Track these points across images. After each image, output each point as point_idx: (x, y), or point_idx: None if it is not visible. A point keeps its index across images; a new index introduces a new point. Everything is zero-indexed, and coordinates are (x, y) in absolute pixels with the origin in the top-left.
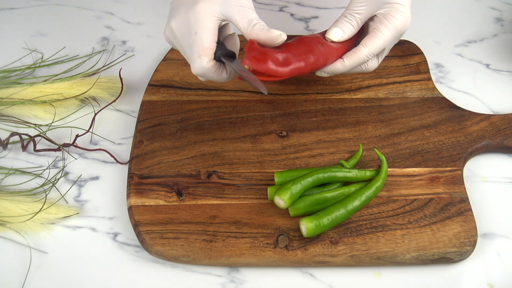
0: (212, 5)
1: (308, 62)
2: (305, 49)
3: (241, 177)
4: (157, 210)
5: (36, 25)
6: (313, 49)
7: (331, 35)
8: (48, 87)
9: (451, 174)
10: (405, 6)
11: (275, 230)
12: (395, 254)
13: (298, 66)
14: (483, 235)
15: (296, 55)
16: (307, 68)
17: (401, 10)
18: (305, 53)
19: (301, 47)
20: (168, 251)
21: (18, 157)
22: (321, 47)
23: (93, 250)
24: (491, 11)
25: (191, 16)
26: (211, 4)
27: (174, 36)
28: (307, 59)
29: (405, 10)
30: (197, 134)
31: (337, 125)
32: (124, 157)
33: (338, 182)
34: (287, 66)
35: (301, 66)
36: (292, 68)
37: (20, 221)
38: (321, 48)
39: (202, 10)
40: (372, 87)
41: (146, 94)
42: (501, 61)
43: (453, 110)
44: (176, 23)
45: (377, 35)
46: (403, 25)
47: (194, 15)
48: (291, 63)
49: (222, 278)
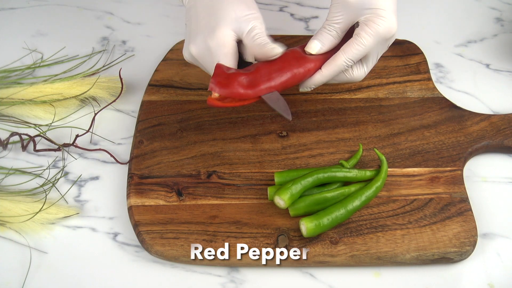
0: (228, 29)
1: (280, 81)
2: (276, 68)
3: (241, 177)
4: (157, 210)
5: (36, 25)
6: (285, 67)
7: (310, 48)
8: (48, 87)
9: (451, 174)
10: (386, 10)
11: (275, 230)
12: (395, 254)
13: (267, 86)
14: (483, 235)
15: (265, 75)
16: (279, 87)
17: (382, 15)
18: (276, 72)
19: (272, 66)
20: (168, 251)
21: (18, 157)
22: (297, 62)
23: (93, 250)
24: (491, 11)
25: (211, 43)
26: (227, 28)
27: (195, 59)
28: (278, 78)
29: (387, 14)
30: (197, 134)
31: (337, 125)
32: (124, 157)
33: (338, 182)
34: (254, 88)
35: (271, 86)
36: (260, 89)
37: (20, 221)
38: (297, 63)
39: (221, 37)
40: (372, 87)
41: (146, 94)
42: (501, 61)
43: (453, 110)
44: (196, 48)
45: (356, 40)
46: (386, 30)
47: (214, 42)
48: (259, 85)
49: (222, 278)
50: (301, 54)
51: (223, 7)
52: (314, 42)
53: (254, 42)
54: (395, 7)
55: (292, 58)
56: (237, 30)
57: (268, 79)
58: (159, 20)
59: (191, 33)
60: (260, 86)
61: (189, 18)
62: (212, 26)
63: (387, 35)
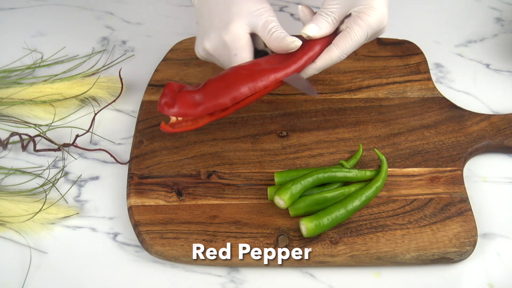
0: (242, 22)
1: (229, 97)
2: (224, 84)
3: (241, 177)
4: (157, 210)
5: (36, 25)
6: (234, 82)
7: (307, 30)
8: (48, 87)
9: (451, 174)
10: (379, 2)
11: (275, 230)
12: (395, 254)
13: (216, 103)
14: (483, 235)
15: (212, 92)
16: (229, 102)
17: (375, 7)
18: (225, 88)
19: (220, 82)
20: (168, 251)
21: (18, 157)
22: (248, 76)
23: (93, 250)
24: (491, 11)
25: (226, 37)
26: (241, 22)
27: (210, 55)
28: (227, 94)
29: (379, 6)
30: (197, 134)
31: (337, 125)
32: (124, 157)
33: (338, 182)
34: (202, 105)
35: (219, 103)
36: (206, 108)
37: (20, 221)
38: (247, 77)
39: (236, 31)
40: (372, 87)
41: (146, 94)
42: (501, 61)
43: (453, 110)
44: (210, 44)
45: (350, 34)
46: (378, 22)
47: (229, 36)
48: (207, 102)
49: (222, 278)
50: (251, 68)
51: (235, 3)
52: (312, 25)
53: (271, 36)
54: (387, 0)
55: (241, 71)
56: (251, 24)
57: (215, 96)
58: (159, 20)
59: (204, 30)
60: (208, 103)
61: (201, 15)
62: (225, 21)
63: (379, 27)
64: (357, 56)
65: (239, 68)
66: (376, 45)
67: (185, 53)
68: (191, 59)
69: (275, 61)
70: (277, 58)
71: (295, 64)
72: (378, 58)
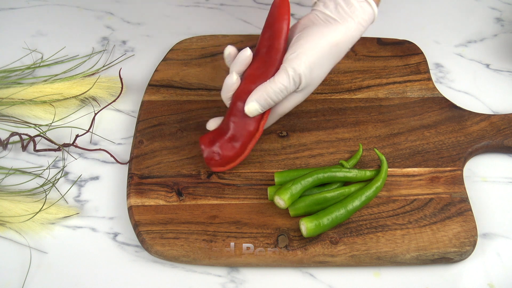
0: None
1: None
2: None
3: (241, 177)
4: (157, 210)
5: (36, 25)
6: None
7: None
8: (48, 87)
9: (451, 174)
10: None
11: (275, 230)
12: (395, 254)
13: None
14: (483, 235)
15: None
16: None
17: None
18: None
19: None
20: (168, 251)
21: (18, 157)
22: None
23: (93, 250)
24: (491, 11)
25: None
26: None
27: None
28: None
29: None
30: (197, 134)
31: (337, 125)
32: (124, 157)
33: (338, 182)
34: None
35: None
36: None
37: (20, 221)
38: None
39: None
40: (372, 87)
41: (146, 94)
42: (501, 61)
43: (453, 110)
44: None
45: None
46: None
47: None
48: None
49: (222, 278)
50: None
51: None
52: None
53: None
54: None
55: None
56: None
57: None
58: (159, 20)
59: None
60: (242, 140)
61: None
62: None
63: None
64: (357, 56)
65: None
66: (376, 45)
67: (185, 53)
68: (191, 59)
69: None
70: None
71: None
72: (378, 58)
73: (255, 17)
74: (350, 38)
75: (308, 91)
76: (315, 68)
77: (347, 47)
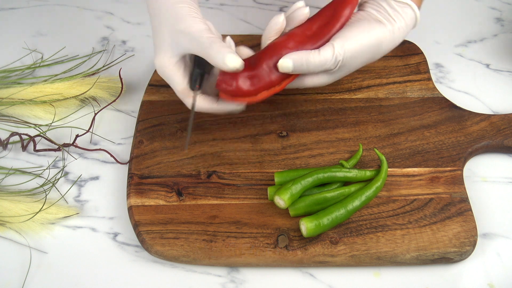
0: (165, 54)
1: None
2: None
3: (241, 177)
4: (157, 210)
5: (36, 25)
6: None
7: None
8: (48, 87)
9: (451, 174)
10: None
11: (275, 230)
12: (395, 254)
13: (268, 84)
14: (483, 235)
15: (266, 72)
16: (278, 80)
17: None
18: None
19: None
20: (168, 251)
21: (18, 157)
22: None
23: (93, 250)
24: (491, 11)
25: (157, 68)
26: (163, 55)
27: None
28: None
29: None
30: (197, 134)
31: (337, 125)
32: (124, 157)
33: (338, 182)
34: (255, 86)
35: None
36: (260, 88)
37: (20, 221)
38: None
39: (159, 65)
40: (372, 87)
41: (146, 94)
42: (501, 61)
43: (453, 110)
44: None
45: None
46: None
47: (157, 67)
48: (260, 83)
49: (222, 278)
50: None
51: (161, 31)
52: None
53: (209, 55)
54: None
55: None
56: (179, 50)
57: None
58: None
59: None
60: (261, 84)
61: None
62: (155, 48)
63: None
64: None
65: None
66: None
67: None
68: None
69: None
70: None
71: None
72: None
73: (255, 17)
74: (393, 40)
75: (335, 77)
76: (356, 57)
77: (387, 49)
